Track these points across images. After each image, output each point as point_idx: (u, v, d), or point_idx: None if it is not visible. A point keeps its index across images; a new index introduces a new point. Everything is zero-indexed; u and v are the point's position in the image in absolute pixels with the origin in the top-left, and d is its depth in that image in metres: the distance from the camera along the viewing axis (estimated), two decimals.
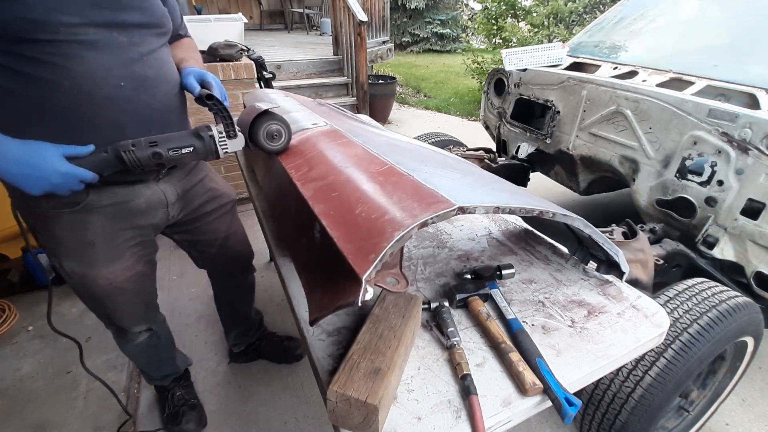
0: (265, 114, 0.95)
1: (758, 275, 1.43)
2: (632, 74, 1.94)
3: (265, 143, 0.98)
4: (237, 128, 0.94)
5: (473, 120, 5.61)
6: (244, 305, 1.61)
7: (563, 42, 2.53)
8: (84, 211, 0.93)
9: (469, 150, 2.44)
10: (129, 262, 1.05)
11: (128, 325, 1.20)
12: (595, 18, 3.55)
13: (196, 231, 1.25)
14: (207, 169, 1.25)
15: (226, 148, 0.93)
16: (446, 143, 2.60)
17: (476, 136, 4.54)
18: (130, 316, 1.19)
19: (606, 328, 0.80)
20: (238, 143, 0.95)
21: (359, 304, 0.54)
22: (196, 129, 0.91)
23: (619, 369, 1.15)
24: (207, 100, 0.92)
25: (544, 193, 3.25)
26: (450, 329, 0.75)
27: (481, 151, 2.41)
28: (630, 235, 1.46)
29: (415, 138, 2.38)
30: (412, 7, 11.12)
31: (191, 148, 0.89)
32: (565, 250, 1.04)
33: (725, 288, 1.29)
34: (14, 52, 0.73)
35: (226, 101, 0.95)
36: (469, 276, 0.93)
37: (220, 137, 0.91)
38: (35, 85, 0.76)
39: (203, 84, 0.99)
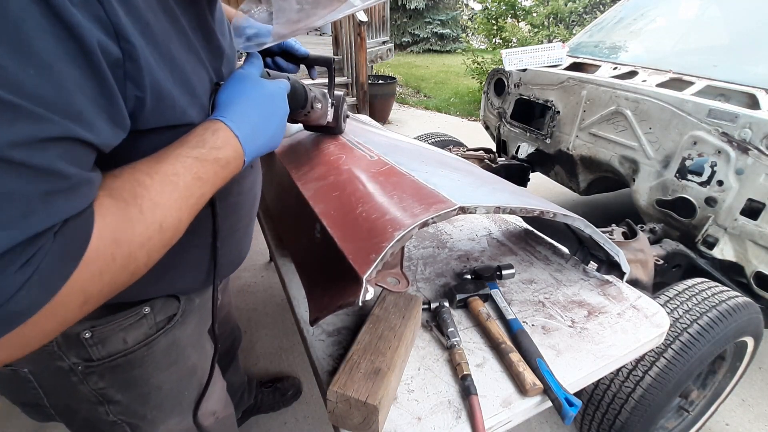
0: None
1: (758, 275, 1.43)
2: (632, 74, 1.94)
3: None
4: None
5: (473, 120, 5.61)
6: (237, 375, 1.35)
7: (563, 42, 2.53)
8: (179, 325, 0.65)
9: (469, 150, 2.44)
10: (221, 382, 0.80)
11: None
12: (595, 18, 3.55)
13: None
14: None
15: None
16: (446, 143, 2.60)
17: (476, 136, 4.54)
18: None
19: (606, 328, 0.80)
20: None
21: (360, 304, 0.54)
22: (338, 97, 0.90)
23: (619, 369, 1.15)
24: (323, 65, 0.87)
25: (544, 193, 3.25)
26: (450, 329, 0.75)
27: (481, 151, 2.41)
28: (630, 235, 1.46)
29: (415, 138, 2.38)
30: (412, 7, 11.13)
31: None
32: (565, 250, 1.04)
33: (725, 288, 1.29)
34: None
35: None
36: (469, 276, 0.93)
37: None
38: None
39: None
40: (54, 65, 0.31)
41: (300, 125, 1.09)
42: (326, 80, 0.90)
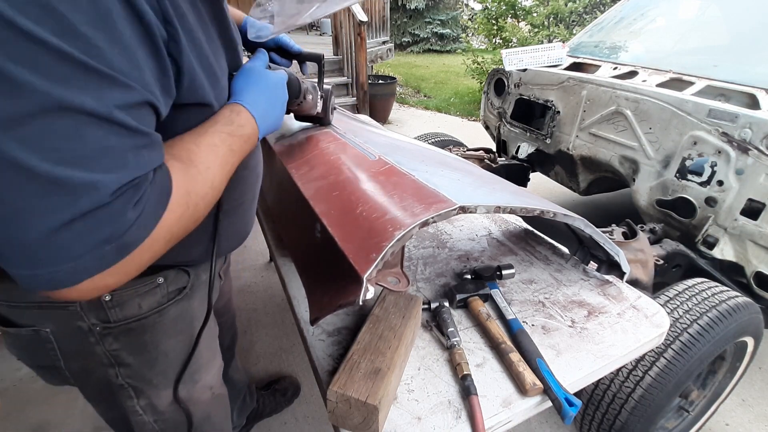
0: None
1: (758, 275, 1.43)
2: (632, 74, 1.94)
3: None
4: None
5: (473, 120, 5.61)
6: (237, 372, 1.32)
7: (563, 42, 2.53)
8: (189, 297, 0.69)
9: (469, 150, 2.44)
10: (218, 355, 0.83)
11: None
12: (595, 18, 3.55)
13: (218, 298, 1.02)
14: None
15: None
16: (446, 143, 2.60)
17: (476, 136, 4.54)
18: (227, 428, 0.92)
19: (606, 328, 0.80)
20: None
21: (360, 304, 0.54)
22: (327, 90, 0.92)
23: (619, 369, 1.15)
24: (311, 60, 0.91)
25: (544, 193, 3.25)
26: (450, 329, 0.75)
27: (481, 151, 2.41)
28: (630, 235, 1.46)
29: (415, 138, 2.38)
30: (412, 7, 11.13)
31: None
32: (565, 250, 1.04)
33: (725, 288, 1.29)
34: None
35: None
36: (469, 276, 0.93)
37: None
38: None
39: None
40: (131, 45, 0.39)
41: (302, 125, 1.11)
42: (315, 80, 0.95)
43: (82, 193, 0.36)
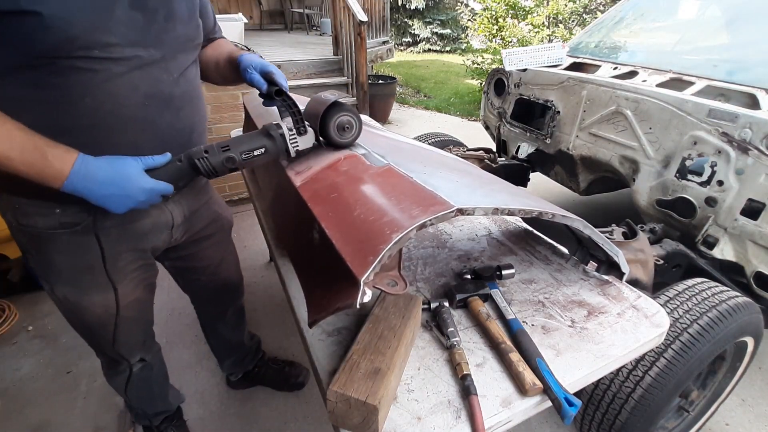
0: (335, 105, 0.86)
1: (758, 275, 1.43)
2: (632, 74, 1.94)
3: (336, 137, 0.89)
4: (306, 123, 0.87)
5: (473, 120, 5.61)
6: (235, 332, 1.49)
7: (563, 42, 2.53)
8: (84, 233, 0.84)
9: (469, 150, 2.44)
10: (128, 288, 0.96)
11: (122, 356, 1.10)
12: (596, 18, 3.55)
13: (190, 257, 1.16)
14: (212, 190, 1.18)
15: (297, 146, 0.86)
16: (446, 143, 2.59)
17: (476, 136, 4.54)
18: (125, 346, 1.07)
19: (606, 328, 0.80)
20: (308, 139, 0.88)
21: (357, 307, 0.54)
22: (266, 128, 0.84)
23: (619, 369, 1.15)
24: (276, 96, 0.85)
25: (544, 193, 3.25)
26: (450, 329, 0.75)
27: (481, 151, 2.41)
28: (630, 235, 1.46)
29: (415, 138, 2.39)
30: (412, 7, 11.13)
31: (263, 149, 0.82)
32: (565, 250, 1.04)
33: (725, 288, 1.29)
34: (40, 65, 0.68)
35: (288, 90, 0.88)
36: (469, 276, 0.93)
37: (290, 135, 0.84)
38: (55, 101, 0.71)
39: (266, 77, 0.89)
40: None
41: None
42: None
43: None
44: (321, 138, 0.90)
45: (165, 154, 0.77)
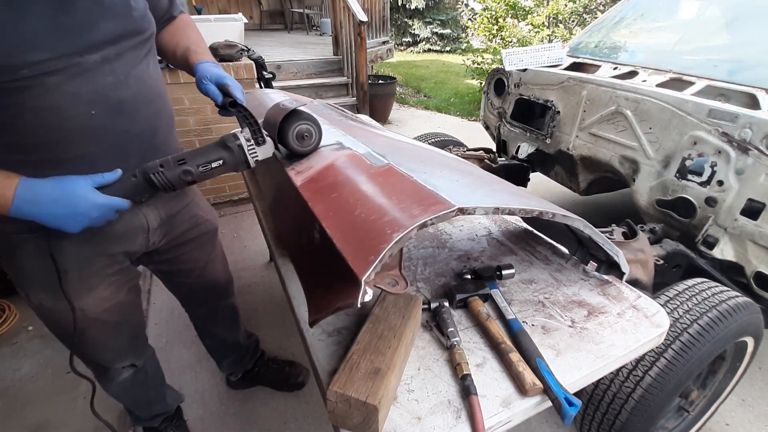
0: (293, 114, 0.87)
1: (758, 275, 1.43)
2: (632, 74, 1.94)
3: (295, 145, 0.90)
4: (265, 133, 0.87)
5: (473, 120, 5.61)
6: (230, 332, 1.47)
7: (563, 42, 2.53)
8: (53, 238, 0.81)
9: (469, 150, 2.44)
10: (106, 292, 0.94)
11: (109, 362, 1.07)
12: (595, 18, 3.55)
13: (174, 261, 1.13)
14: (193, 193, 1.14)
15: (256, 156, 0.85)
16: (446, 143, 2.59)
17: (476, 136, 4.54)
18: (110, 351, 1.05)
19: (606, 328, 0.80)
20: (267, 149, 0.87)
21: (358, 306, 0.54)
22: (222, 139, 0.83)
23: (619, 369, 1.15)
24: (231, 107, 0.85)
25: (544, 193, 3.25)
26: (450, 329, 0.75)
27: (481, 151, 2.41)
28: (630, 235, 1.46)
29: (415, 138, 2.38)
30: (412, 7, 11.13)
31: (221, 161, 0.81)
32: (565, 250, 1.04)
33: (725, 288, 1.29)
34: None
35: (245, 102, 0.86)
36: (469, 276, 0.93)
37: (248, 145, 0.84)
38: None
39: (222, 88, 0.87)
40: None
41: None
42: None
43: None
44: (281, 146, 0.90)
45: (115, 170, 0.76)
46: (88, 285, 0.91)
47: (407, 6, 11.14)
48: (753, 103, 1.50)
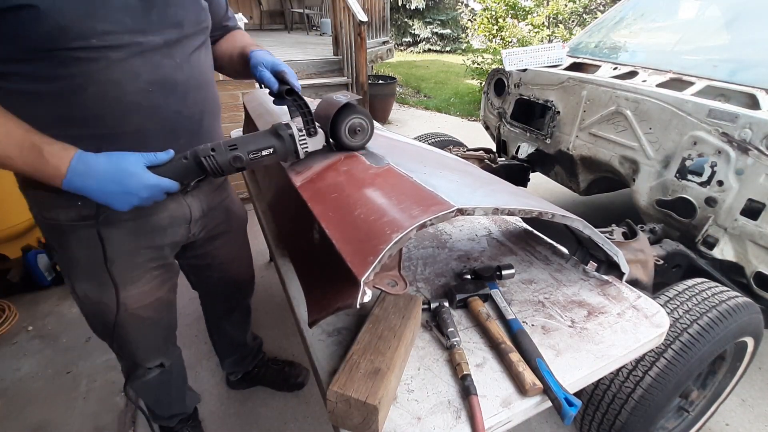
0: (347, 107, 0.84)
1: (758, 275, 1.43)
2: (632, 74, 1.94)
3: (347, 139, 0.87)
4: (317, 124, 0.85)
5: (473, 120, 5.61)
6: (240, 331, 1.49)
7: (563, 42, 2.53)
8: (102, 225, 0.83)
9: (469, 150, 2.44)
10: (147, 287, 0.95)
11: (142, 360, 1.08)
12: (595, 18, 3.55)
13: (205, 255, 1.14)
14: (230, 188, 1.16)
15: (306, 148, 0.84)
16: (446, 143, 2.59)
17: (476, 136, 4.54)
18: (145, 349, 1.06)
19: (606, 328, 0.80)
20: (318, 141, 0.85)
21: (358, 307, 0.54)
22: (275, 127, 0.82)
23: (619, 369, 1.15)
24: (287, 95, 0.83)
25: (544, 193, 3.25)
26: (450, 329, 0.75)
27: (481, 152, 2.41)
28: (630, 235, 1.46)
29: (415, 138, 2.39)
30: (413, 7, 11.13)
31: (271, 149, 0.80)
32: (565, 250, 1.04)
33: (725, 288, 1.29)
34: (40, 58, 0.67)
35: (300, 90, 0.85)
36: (469, 276, 0.93)
37: (300, 135, 0.82)
38: (59, 92, 0.70)
39: (278, 75, 0.87)
40: None
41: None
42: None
43: None
44: (331, 140, 0.88)
45: (168, 150, 0.75)
46: (131, 277, 0.91)
47: (407, 6, 11.15)
48: (753, 103, 1.50)
